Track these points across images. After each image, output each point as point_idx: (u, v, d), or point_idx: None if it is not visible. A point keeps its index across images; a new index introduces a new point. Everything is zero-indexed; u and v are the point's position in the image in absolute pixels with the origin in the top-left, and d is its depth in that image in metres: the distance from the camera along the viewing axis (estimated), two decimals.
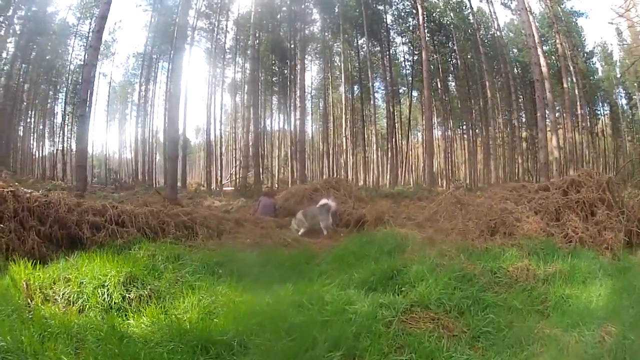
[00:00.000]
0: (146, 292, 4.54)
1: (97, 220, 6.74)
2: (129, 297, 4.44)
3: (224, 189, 23.72)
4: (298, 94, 24.87)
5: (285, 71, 29.67)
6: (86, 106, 15.04)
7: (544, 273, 5.32)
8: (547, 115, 21.46)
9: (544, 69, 20.39)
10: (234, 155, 28.69)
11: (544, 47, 25.42)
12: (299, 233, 9.75)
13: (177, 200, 12.31)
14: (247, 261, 6.28)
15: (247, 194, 17.41)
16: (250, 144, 22.75)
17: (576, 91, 26.78)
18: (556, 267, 5.46)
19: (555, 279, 5.13)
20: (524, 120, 29.73)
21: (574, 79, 26.85)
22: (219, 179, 28.58)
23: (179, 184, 28.89)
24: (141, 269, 5.02)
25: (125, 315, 4.14)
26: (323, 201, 10.10)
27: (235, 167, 25.58)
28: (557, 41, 25.91)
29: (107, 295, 4.41)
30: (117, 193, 18.30)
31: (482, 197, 9.74)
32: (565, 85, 25.82)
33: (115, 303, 4.34)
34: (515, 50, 29.81)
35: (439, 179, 29.80)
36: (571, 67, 26.66)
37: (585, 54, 29.65)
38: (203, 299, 4.38)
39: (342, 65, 29.75)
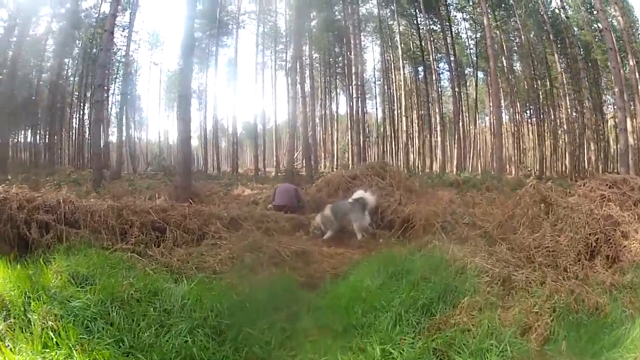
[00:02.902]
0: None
1: (47, 218, 5.35)
2: None
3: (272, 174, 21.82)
4: (355, 72, 22.48)
5: (344, 52, 27.12)
6: (103, 92, 14.37)
7: None
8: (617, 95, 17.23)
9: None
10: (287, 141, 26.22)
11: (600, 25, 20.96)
12: (325, 236, 7.01)
13: (190, 189, 10.01)
14: (171, 297, 3.65)
15: (291, 180, 14.88)
16: (299, 123, 20.60)
17: (637, 73, 21.55)
18: None
19: None
20: (588, 104, 24.99)
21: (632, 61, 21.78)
22: (275, 163, 26.67)
23: (227, 168, 27.94)
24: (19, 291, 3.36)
25: None
26: (358, 193, 7.17)
27: (286, 151, 23.42)
28: (617, 12, 20.80)
29: None
30: (154, 179, 16.77)
31: (575, 194, 6.68)
32: (631, 63, 20.78)
33: None
34: (575, 29, 25.09)
35: (507, 166, 26.09)
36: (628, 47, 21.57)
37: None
38: None
39: (403, 45, 26.68)
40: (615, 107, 19.14)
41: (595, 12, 16.76)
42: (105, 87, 18.27)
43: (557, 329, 3.21)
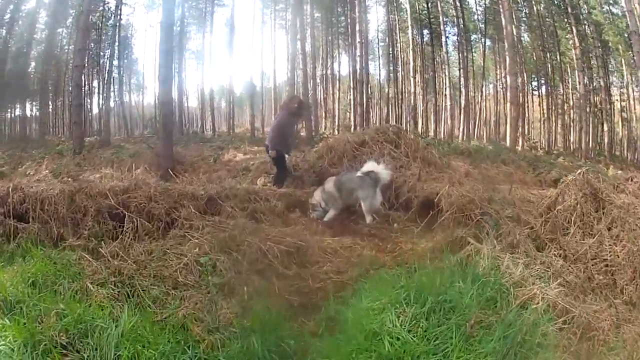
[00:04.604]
0: None
1: None
2: None
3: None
4: (359, 30, 20.71)
5: (347, 11, 25.30)
6: (84, 56, 14.34)
7: None
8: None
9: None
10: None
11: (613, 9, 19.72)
12: (326, 217, 5.66)
13: (173, 156, 8.60)
14: None
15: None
16: (299, 81, 18.87)
17: None
18: None
19: None
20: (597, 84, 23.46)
21: None
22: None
23: (223, 128, 26.46)
24: None
25: None
26: (369, 165, 5.71)
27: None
28: None
29: None
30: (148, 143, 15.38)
31: (627, 188, 5.28)
32: None
33: None
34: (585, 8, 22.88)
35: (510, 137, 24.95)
36: None
37: None
38: None
39: (410, 6, 24.80)
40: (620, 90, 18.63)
41: None
42: (90, 52, 17.73)
43: None
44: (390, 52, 27.50)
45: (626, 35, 19.46)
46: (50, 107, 23.10)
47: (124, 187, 4.68)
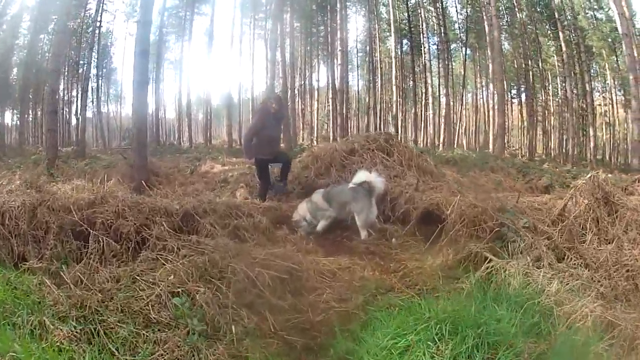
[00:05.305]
0: None
1: None
2: None
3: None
4: (339, 37, 20.57)
5: (327, 20, 25.24)
6: (59, 60, 13.37)
7: None
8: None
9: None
10: None
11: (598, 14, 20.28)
12: (319, 227, 5.11)
13: (147, 167, 7.92)
14: None
15: None
16: (277, 91, 18.38)
17: None
18: None
19: None
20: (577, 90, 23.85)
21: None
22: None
23: (200, 140, 25.75)
24: None
25: None
26: (361, 175, 5.15)
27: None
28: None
29: None
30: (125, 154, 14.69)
31: (637, 190, 5.63)
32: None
33: None
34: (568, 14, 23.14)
35: (492, 145, 25.10)
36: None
37: None
38: None
39: (392, 15, 24.97)
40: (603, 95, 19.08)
41: None
42: (70, 59, 17.60)
43: None
44: (369, 61, 27.53)
45: (610, 40, 19.76)
46: (31, 115, 22.34)
47: (89, 201, 4.03)
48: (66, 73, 23.33)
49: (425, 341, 2.30)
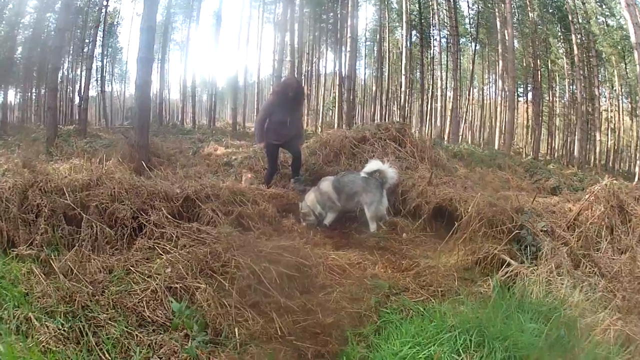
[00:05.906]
0: None
1: None
2: None
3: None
4: (349, 24, 20.37)
5: (336, 7, 25.06)
6: (63, 36, 12.61)
7: None
8: None
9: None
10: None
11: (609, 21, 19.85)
12: (325, 221, 4.85)
13: (148, 147, 7.63)
14: None
15: None
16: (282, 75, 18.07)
17: None
18: None
19: None
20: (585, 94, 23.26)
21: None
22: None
23: (204, 121, 25.41)
24: None
25: None
26: (373, 164, 4.89)
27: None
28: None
29: None
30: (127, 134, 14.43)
31: None
32: None
33: None
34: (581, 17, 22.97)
35: (499, 142, 24.69)
36: None
37: None
38: None
39: (404, 6, 24.33)
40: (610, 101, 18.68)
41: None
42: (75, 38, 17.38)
43: None
44: (378, 51, 27.18)
45: (620, 47, 19.28)
46: (34, 93, 22.38)
47: (84, 182, 3.76)
48: (71, 52, 23.01)
49: (450, 353, 2.05)
